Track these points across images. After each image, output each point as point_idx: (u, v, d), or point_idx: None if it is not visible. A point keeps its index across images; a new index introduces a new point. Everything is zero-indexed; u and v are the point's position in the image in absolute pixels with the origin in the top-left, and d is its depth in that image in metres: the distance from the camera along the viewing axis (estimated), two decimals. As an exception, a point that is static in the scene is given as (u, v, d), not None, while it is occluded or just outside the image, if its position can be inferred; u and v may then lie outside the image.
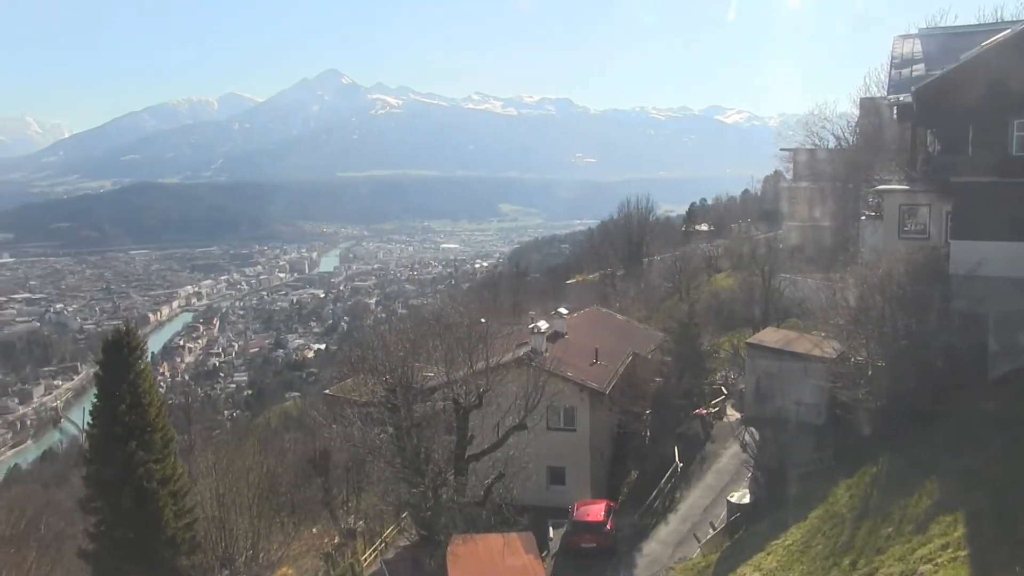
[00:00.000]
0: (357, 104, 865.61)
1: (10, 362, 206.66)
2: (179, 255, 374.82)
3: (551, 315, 50.03)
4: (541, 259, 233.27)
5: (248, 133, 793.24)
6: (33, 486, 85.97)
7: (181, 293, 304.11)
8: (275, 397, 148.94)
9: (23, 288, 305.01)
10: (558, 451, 40.40)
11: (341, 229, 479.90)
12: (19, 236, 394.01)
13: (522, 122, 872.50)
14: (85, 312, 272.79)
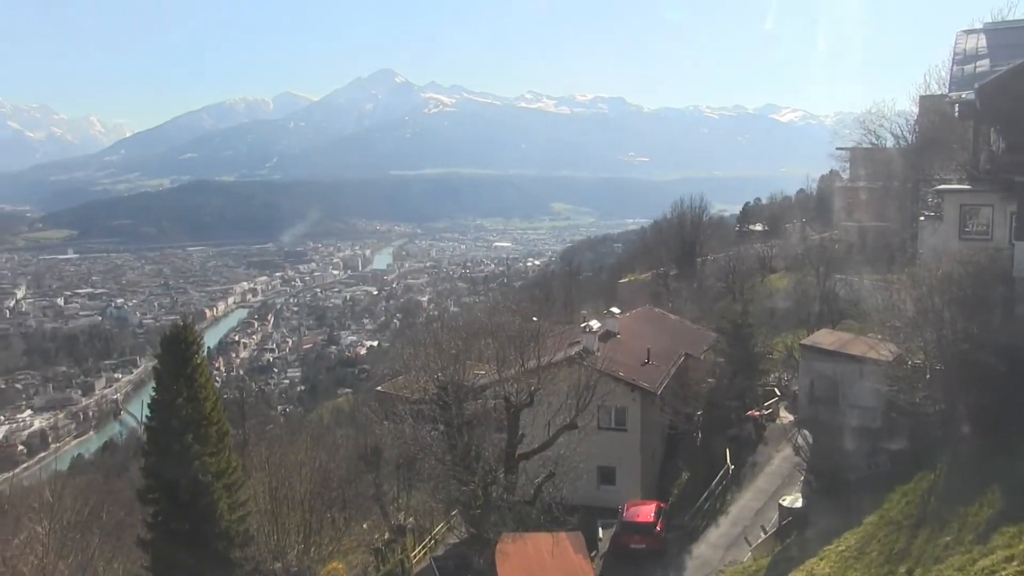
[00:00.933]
0: (410, 103, 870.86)
1: (73, 355, 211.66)
2: (235, 252, 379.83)
3: (603, 314, 49.80)
4: (593, 258, 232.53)
5: (303, 132, 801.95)
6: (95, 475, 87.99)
7: (237, 289, 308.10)
8: (328, 393, 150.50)
9: (86, 283, 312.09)
10: (609, 451, 40.19)
11: (394, 227, 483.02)
12: (83, 233, 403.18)
13: (575, 121, 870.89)
14: (144, 307, 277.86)
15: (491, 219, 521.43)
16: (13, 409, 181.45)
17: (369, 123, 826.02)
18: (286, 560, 32.53)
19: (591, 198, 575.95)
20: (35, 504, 29.93)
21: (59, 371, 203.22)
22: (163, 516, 29.95)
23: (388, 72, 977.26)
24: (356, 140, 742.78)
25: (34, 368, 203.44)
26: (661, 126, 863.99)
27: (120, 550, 33.88)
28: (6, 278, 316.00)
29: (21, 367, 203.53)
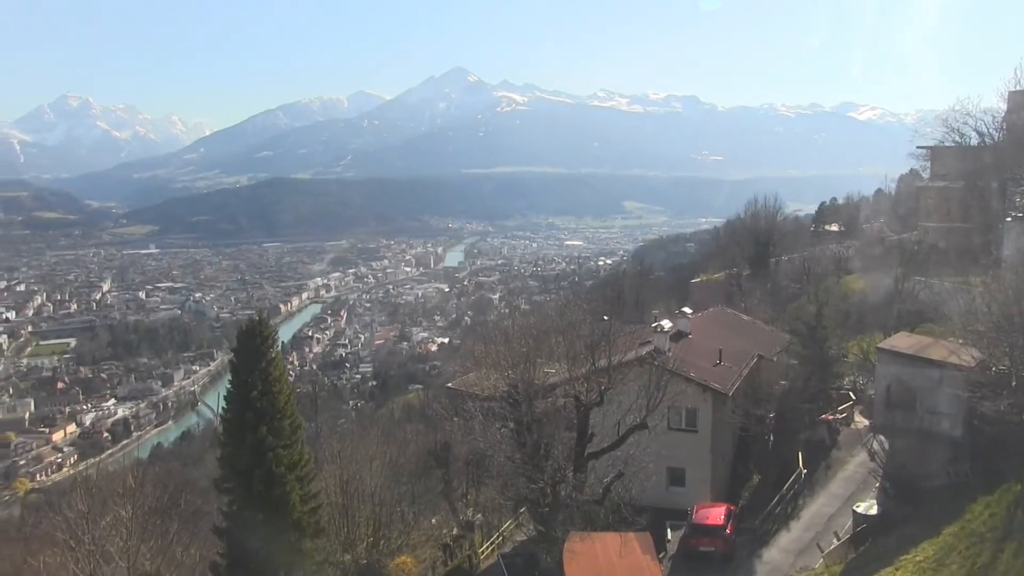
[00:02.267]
0: (483, 101, 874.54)
1: (154, 347, 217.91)
2: (309, 248, 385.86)
3: (675, 314, 49.33)
4: (666, 257, 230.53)
5: (377, 130, 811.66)
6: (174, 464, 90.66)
7: (311, 285, 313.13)
8: (399, 389, 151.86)
9: (166, 277, 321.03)
10: (679, 452, 39.83)
11: (466, 225, 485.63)
12: (163, 228, 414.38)
13: (648, 119, 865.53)
14: (221, 301, 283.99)
15: (563, 217, 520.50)
16: (99, 397, 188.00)
17: (442, 122, 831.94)
18: (356, 552, 32.97)
19: (663, 197, 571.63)
20: (119, 489, 30.88)
21: (141, 362, 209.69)
22: (238, 505, 30.60)
23: (461, 71, 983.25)
24: (429, 139, 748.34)
25: (118, 359, 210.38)
26: (735, 125, 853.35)
27: (197, 537, 34.76)
28: (93, 272, 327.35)
29: (106, 357, 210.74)
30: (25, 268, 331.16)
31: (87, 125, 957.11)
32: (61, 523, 28.52)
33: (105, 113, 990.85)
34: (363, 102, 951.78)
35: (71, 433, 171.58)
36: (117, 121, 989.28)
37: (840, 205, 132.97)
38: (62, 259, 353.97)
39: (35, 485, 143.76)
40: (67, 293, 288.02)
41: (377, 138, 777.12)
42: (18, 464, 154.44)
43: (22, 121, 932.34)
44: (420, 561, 36.82)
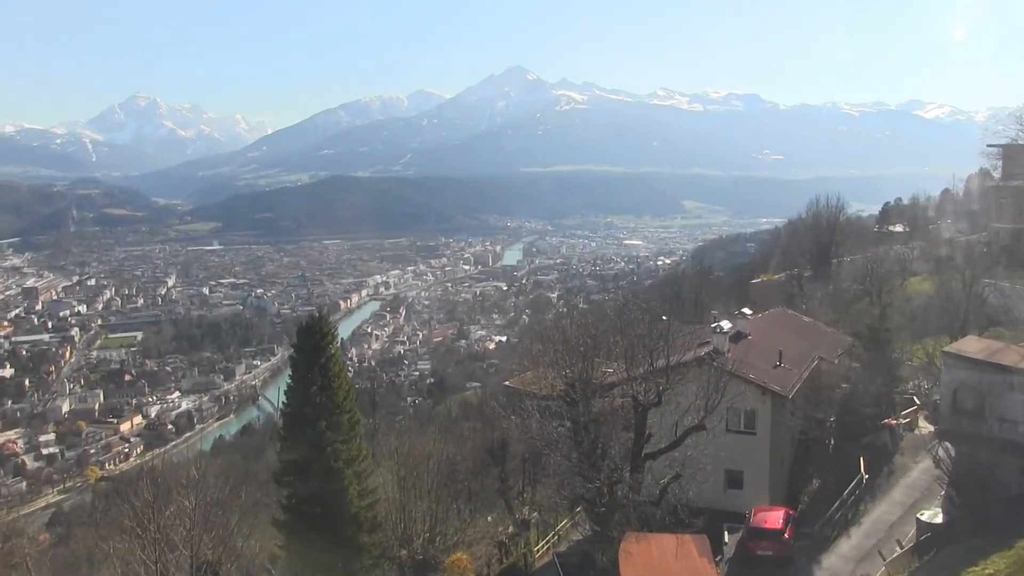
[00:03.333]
0: (542, 100, 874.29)
1: (217, 341, 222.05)
2: (369, 246, 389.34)
3: (734, 315, 48.80)
4: (725, 257, 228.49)
5: (436, 129, 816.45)
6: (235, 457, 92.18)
7: (370, 282, 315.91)
8: (456, 386, 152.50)
9: (229, 273, 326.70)
10: (737, 454, 39.32)
11: (525, 223, 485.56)
12: (226, 225, 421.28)
13: (708, 118, 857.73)
14: (282, 298, 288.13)
15: (622, 217, 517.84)
16: (164, 390, 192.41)
17: (501, 120, 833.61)
18: (412, 548, 33.24)
19: (724, 197, 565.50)
20: (183, 480, 31.59)
21: (204, 356, 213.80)
22: (296, 499, 31.13)
23: (520, 70, 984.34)
24: (488, 137, 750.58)
25: (182, 353, 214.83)
26: (797, 123, 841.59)
27: (257, 528, 35.32)
28: (159, 267, 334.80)
29: (171, 351, 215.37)
30: (95, 263, 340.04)
31: (154, 124, 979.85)
32: (129, 511, 29.26)
33: (171, 113, 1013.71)
34: (423, 101, 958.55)
35: (137, 424, 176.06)
36: (183, 120, 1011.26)
37: (905, 205, 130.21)
38: (130, 255, 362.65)
39: (104, 473, 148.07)
40: (134, 288, 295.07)
41: (436, 137, 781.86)
42: (89, 453, 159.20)
43: (94, 121, 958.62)
44: (475, 558, 36.96)
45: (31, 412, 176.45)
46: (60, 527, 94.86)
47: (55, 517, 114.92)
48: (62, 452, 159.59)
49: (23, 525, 60.77)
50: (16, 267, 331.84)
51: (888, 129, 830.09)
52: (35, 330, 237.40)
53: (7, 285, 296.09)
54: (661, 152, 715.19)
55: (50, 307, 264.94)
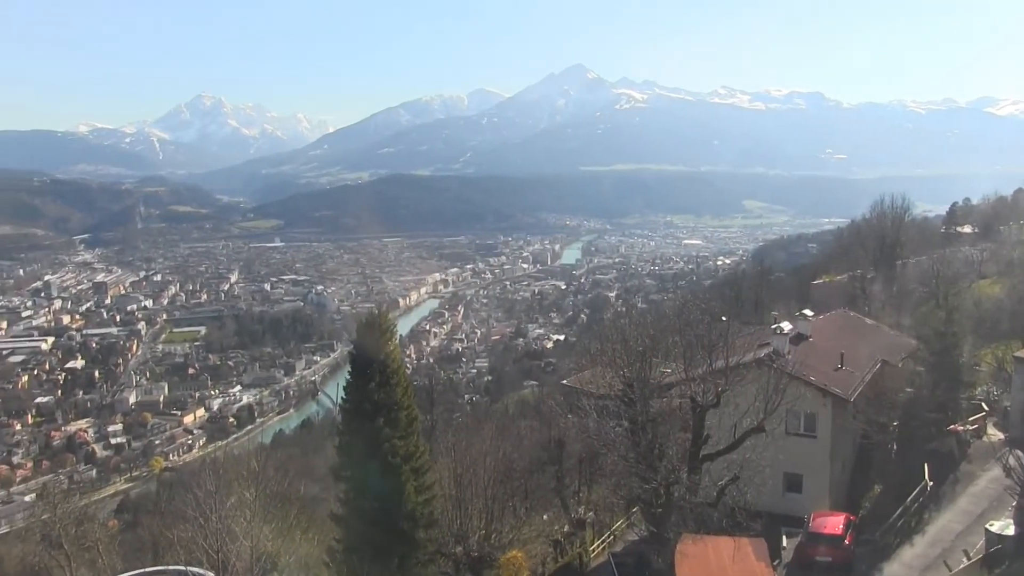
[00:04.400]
0: (602, 99, 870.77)
1: (278, 337, 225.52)
2: (428, 244, 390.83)
3: (795, 316, 48.17)
4: (786, 258, 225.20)
5: (496, 127, 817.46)
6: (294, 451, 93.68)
7: (429, 280, 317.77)
8: (514, 384, 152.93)
9: (290, 270, 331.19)
10: (796, 457, 38.84)
11: (583, 222, 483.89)
12: (288, 223, 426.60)
13: (770, 117, 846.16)
14: (342, 294, 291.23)
15: (681, 216, 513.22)
16: (226, 384, 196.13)
17: (561, 119, 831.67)
18: (468, 544, 33.36)
19: (785, 196, 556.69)
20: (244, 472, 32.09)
21: (265, 351, 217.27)
22: (354, 493, 31.44)
23: (580, 68, 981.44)
24: (548, 136, 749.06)
25: (244, 347, 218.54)
26: (862, 122, 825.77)
27: (315, 522, 35.82)
28: (222, 263, 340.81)
29: (233, 346, 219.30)
30: (161, 259, 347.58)
31: (219, 123, 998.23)
32: (191, 501, 29.86)
33: (236, 112, 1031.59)
34: (483, 100, 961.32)
35: (200, 417, 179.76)
36: (246, 119, 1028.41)
37: (974, 206, 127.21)
38: (194, 251, 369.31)
39: (168, 464, 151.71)
40: (198, 283, 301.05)
41: (496, 135, 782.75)
42: (154, 443, 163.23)
43: (161, 120, 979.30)
44: (531, 556, 36.99)
45: (100, 402, 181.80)
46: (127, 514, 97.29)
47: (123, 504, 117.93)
48: (129, 442, 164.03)
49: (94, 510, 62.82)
50: (87, 262, 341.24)
51: (957, 127, 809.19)
52: (104, 323, 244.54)
53: (79, 280, 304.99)
54: (722, 151, 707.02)
55: (119, 301, 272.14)
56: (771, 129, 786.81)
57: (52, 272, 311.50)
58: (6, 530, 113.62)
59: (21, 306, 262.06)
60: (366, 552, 29.19)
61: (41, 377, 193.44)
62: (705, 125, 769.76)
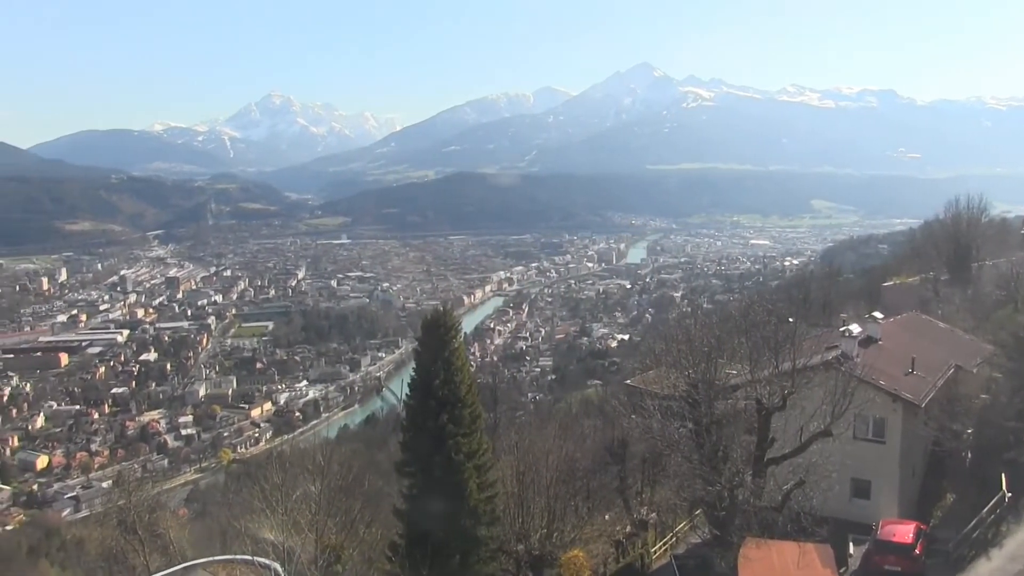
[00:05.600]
0: (669, 97, 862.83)
1: (344, 333, 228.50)
2: (493, 242, 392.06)
3: (864, 318, 47.19)
4: (856, 259, 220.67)
5: (562, 126, 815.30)
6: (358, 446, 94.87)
7: (494, 278, 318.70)
8: (577, 383, 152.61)
9: (356, 267, 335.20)
10: (864, 463, 38.02)
11: (649, 221, 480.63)
12: (355, 220, 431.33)
13: (840, 115, 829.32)
14: (408, 291, 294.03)
15: (748, 216, 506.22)
16: (292, 379, 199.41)
17: (627, 117, 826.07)
18: (529, 542, 33.43)
19: (855, 196, 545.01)
20: (309, 466, 32.60)
21: (331, 347, 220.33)
22: (417, 489, 31.74)
23: (647, 66, 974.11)
24: (614, 134, 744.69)
25: (310, 343, 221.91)
26: (936, 120, 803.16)
27: (378, 516, 36.16)
28: (290, 260, 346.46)
29: (300, 341, 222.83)
30: (231, 255, 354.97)
31: (288, 122, 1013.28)
32: (258, 492, 30.46)
33: (304, 110, 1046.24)
34: (549, 98, 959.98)
35: (267, 410, 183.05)
36: (315, 118, 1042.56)
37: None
38: (263, 247, 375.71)
39: (236, 456, 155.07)
40: (267, 279, 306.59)
41: (562, 133, 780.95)
42: (223, 435, 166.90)
43: (233, 119, 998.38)
44: (592, 556, 36.93)
45: (172, 394, 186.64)
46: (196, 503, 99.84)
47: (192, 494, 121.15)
48: (198, 434, 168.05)
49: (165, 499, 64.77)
50: (160, 257, 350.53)
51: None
52: (176, 317, 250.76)
53: (153, 274, 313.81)
54: (790, 150, 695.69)
55: (190, 296, 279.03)
56: (841, 127, 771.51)
57: (128, 267, 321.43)
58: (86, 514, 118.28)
59: (99, 299, 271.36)
60: (428, 548, 29.42)
61: (117, 368, 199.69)
62: (773, 123, 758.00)
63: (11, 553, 67.42)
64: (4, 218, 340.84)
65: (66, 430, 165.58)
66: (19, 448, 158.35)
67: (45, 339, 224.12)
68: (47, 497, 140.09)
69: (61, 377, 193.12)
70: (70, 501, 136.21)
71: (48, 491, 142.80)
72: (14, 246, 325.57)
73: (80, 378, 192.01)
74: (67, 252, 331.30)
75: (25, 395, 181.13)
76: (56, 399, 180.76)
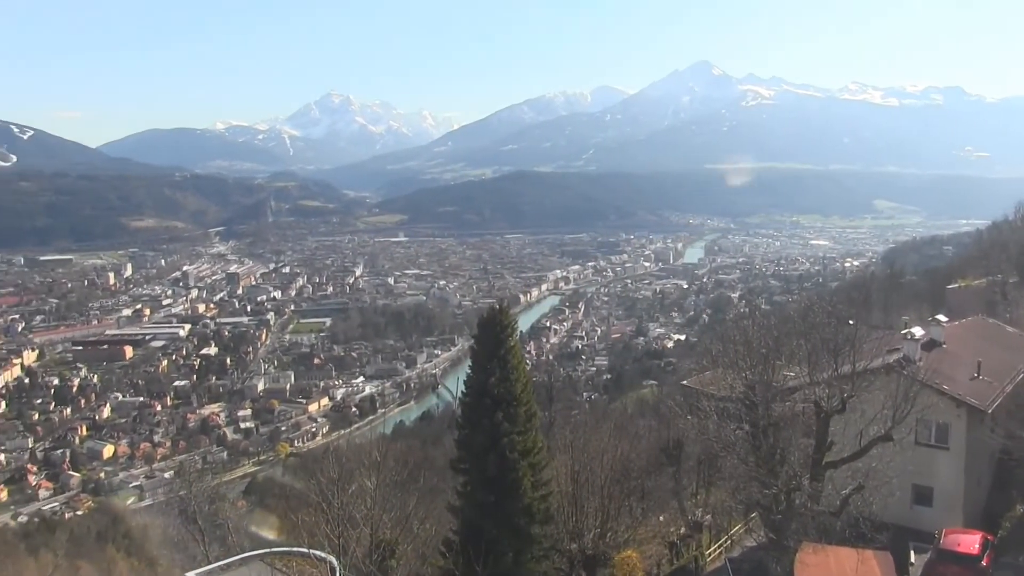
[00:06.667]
0: (728, 95, 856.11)
1: (400, 330, 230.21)
2: (550, 240, 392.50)
3: (927, 321, 46.17)
4: (919, 261, 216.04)
5: (619, 124, 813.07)
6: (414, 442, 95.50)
7: (550, 277, 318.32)
8: (632, 383, 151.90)
9: (413, 264, 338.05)
10: (926, 469, 37.08)
11: (707, 221, 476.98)
12: (412, 218, 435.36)
13: (904, 113, 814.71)
14: (464, 289, 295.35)
15: (808, 216, 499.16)
16: (349, 375, 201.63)
17: (685, 116, 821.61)
18: (582, 542, 33.30)
19: (919, 196, 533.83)
20: (365, 461, 32.84)
21: (387, 344, 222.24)
22: (472, 486, 31.85)
23: (705, 64, 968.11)
24: (672, 133, 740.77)
25: (367, 339, 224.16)
26: (1006, 118, 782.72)
27: (432, 513, 36.28)
28: (348, 257, 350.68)
29: (356, 337, 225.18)
30: (290, 252, 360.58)
31: (347, 120, 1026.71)
32: (315, 486, 30.81)
33: (363, 109, 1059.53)
34: (606, 96, 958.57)
35: (324, 405, 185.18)
36: (373, 116, 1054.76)
37: None
38: (321, 244, 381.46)
39: (293, 449, 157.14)
40: (325, 276, 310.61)
41: (619, 132, 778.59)
42: (280, 429, 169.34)
43: (292, 118, 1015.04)
44: (646, 557, 36.71)
45: (231, 388, 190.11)
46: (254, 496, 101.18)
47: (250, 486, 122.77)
48: (257, 427, 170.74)
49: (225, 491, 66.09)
50: (221, 254, 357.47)
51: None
52: (236, 313, 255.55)
53: (214, 270, 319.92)
54: (852, 149, 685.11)
55: (249, 292, 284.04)
56: (905, 126, 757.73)
57: (190, 263, 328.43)
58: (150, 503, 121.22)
59: (162, 294, 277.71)
60: (481, 545, 29.47)
61: (179, 362, 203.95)
62: (834, 122, 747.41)
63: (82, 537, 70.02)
64: (75, 215, 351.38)
65: (130, 421, 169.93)
66: (87, 437, 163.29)
67: (111, 332, 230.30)
68: (113, 485, 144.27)
69: (126, 369, 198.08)
70: (134, 490, 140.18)
71: (114, 479, 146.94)
72: (84, 242, 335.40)
73: (144, 371, 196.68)
74: (132, 248, 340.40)
75: (93, 386, 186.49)
76: (121, 390, 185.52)
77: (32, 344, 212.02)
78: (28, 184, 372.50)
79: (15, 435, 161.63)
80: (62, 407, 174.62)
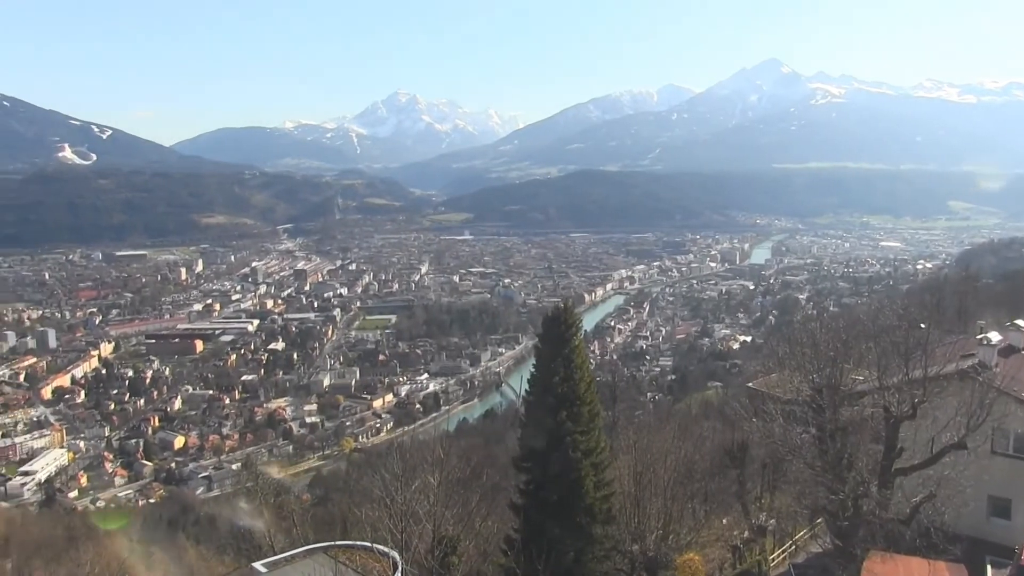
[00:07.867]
0: (797, 94, 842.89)
1: (464, 328, 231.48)
2: (615, 240, 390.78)
3: (1005, 326, 44.73)
4: (996, 263, 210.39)
5: (686, 123, 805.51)
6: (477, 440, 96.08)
7: (615, 276, 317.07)
8: (697, 384, 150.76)
9: (478, 262, 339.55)
10: (1004, 479, 35.85)
11: (774, 221, 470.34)
12: (478, 216, 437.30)
13: (982, 110, 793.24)
14: (529, 288, 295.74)
15: (879, 216, 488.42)
16: (413, 372, 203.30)
17: (753, 115, 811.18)
18: (644, 544, 33.07)
19: (997, 196, 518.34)
20: (428, 457, 33.04)
21: (452, 341, 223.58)
22: (534, 485, 31.85)
23: (774, 62, 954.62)
24: (739, 132, 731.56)
25: (431, 337, 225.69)
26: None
27: (494, 510, 36.40)
28: (413, 254, 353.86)
29: (421, 335, 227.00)
30: (357, 249, 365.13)
31: (413, 119, 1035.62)
32: (378, 482, 31.05)
33: (429, 108, 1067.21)
34: (673, 95, 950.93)
35: (388, 402, 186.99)
36: (439, 115, 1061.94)
37: None
38: (387, 242, 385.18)
39: (358, 445, 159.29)
40: (390, 274, 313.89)
41: (686, 131, 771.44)
42: (345, 425, 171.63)
43: (360, 116, 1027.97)
44: (708, 560, 36.36)
45: (298, 383, 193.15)
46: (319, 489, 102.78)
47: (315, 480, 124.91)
48: (322, 422, 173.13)
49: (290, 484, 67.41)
50: (289, 250, 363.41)
51: None
52: (303, 309, 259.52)
53: (282, 267, 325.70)
54: (925, 148, 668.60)
55: (316, 288, 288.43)
56: (983, 123, 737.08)
57: (259, 259, 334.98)
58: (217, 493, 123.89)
59: (232, 290, 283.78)
60: (543, 544, 29.46)
61: (247, 356, 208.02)
62: (907, 120, 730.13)
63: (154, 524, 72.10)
64: (149, 212, 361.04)
65: (200, 413, 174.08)
66: (159, 427, 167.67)
67: (182, 326, 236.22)
68: (183, 475, 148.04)
69: (196, 363, 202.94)
70: (203, 480, 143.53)
71: (184, 470, 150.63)
72: (157, 238, 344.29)
73: (213, 364, 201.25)
74: (204, 244, 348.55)
75: (165, 378, 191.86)
76: (192, 383, 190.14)
77: (108, 337, 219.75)
78: (106, 182, 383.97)
79: (93, 424, 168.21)
80: (136, 398, 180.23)
